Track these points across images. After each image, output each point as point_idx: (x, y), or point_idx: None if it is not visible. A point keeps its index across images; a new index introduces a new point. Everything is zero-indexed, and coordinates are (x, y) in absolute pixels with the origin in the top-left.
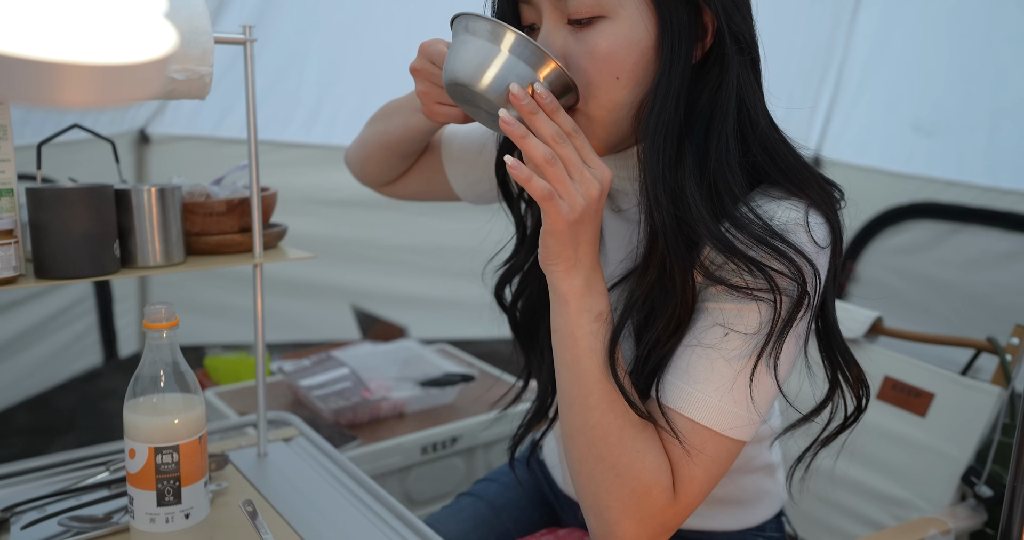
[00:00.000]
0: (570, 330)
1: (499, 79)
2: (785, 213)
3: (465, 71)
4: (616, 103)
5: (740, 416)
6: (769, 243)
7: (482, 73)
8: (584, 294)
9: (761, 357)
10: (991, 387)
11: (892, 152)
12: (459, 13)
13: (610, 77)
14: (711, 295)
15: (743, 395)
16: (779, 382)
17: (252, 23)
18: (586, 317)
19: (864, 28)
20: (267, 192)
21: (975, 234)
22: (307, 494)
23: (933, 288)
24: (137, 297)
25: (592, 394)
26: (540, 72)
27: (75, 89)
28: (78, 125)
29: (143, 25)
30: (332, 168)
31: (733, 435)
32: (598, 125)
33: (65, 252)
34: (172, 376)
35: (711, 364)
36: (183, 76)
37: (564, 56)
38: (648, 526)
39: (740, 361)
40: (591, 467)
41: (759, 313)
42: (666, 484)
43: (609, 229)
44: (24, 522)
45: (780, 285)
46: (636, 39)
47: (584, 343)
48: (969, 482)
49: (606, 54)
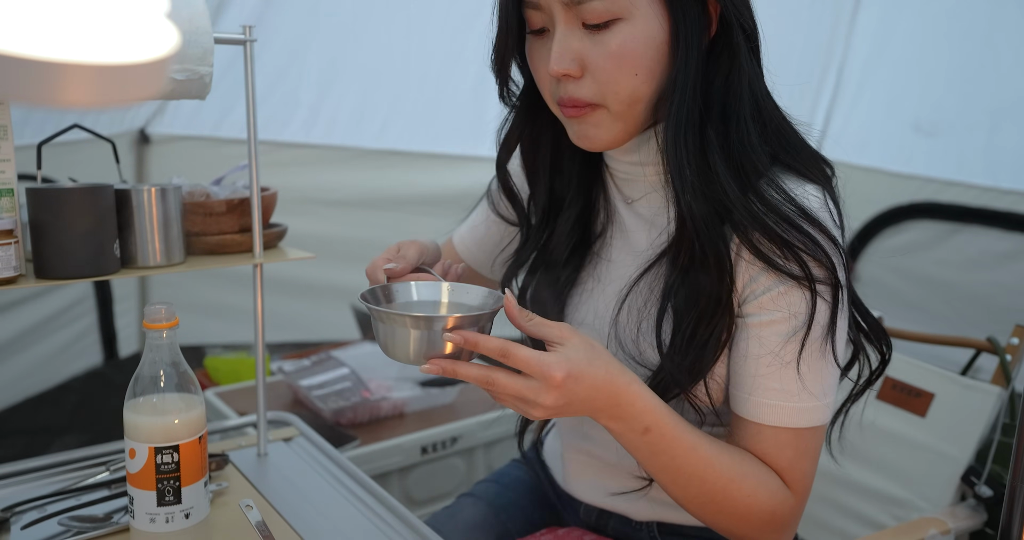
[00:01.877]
0: (624, 443)
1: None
2: (809, 197)
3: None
4: (637, 98)
5: (820, 407)
6: (801, 228)
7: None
8: (617, 420)
9: (822, 347)
10: (991, 387)
11: (892, 152)
12: (363, 295)
13: (630, 74)
14: (755, 310)
15: (818, 389)
16: (839, 361)
17: (252, 23)
18: (631, 435)
19: (864, 28)
20: (267, 192)
21: (975, 234)
22: (307, 494)
23: (933, 288)
24: (137, 297)
25: (678, 478)
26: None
27: (76, 89)
28: (78, 125)
29: (144, 25)
30: (332, 168)
31: (820, 423)
32: (620, 120)
33: (65, 252)
34: (172, 376)
35: (781, 372)
36: (183, 76)
37: (581, 58)
38: (784, 531)
39: (805, 360)
40: (715, 518)
41: (805, 306)
42: (783, 498)
43: (627, 222)
44: (24, 522)
45: (816, 275)
46: (651, 36)
47: (643, 450)
48: (969, 482)
49: (625, 53)
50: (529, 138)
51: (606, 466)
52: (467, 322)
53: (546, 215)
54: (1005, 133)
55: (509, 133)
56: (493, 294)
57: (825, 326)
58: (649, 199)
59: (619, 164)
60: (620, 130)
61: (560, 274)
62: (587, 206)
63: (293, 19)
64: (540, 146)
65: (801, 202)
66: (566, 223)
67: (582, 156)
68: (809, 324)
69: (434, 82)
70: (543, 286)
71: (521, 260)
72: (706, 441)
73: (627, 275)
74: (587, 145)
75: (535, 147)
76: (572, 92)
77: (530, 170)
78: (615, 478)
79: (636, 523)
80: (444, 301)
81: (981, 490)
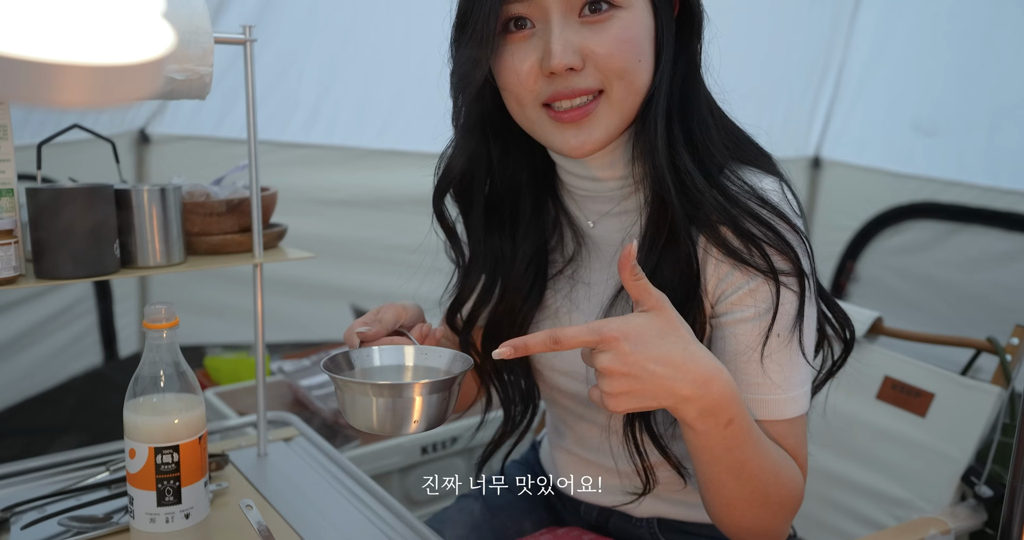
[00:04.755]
0: (702, 445)
1: (380, 420)
2: (767, 189)
3: (351, 418)
4: (640, 85)
5: (804, 394)
6: (764, 220)
7: (363, 418)
8: (707, 428)
9: (796, 337)
10: (991, 387)
11: (892, 152)
12: (324, 363)
13: (635, 61)
14: (728, 309)
15: (798, 378)
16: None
17: (252, 23)
18: (714, 431)
19: (864, 28)
20: (267, 192)
21: (975, 234)
22: (307, 494)
23: (933, 288)
24: (137, 297)
25: (741, 474)
26: (419, 392)
27: (73, 89)
28: (78, 125)
29: (140, 25)
30: (332, 168)
31: (805, 409)
32: (618, 110)
33: (65, 252)
34: (172, 376)
35: (763, 366)
36: (183, 76)
37: (583, 49)
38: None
39: (783, 351)
40: (757, 512)
41: (776, 299)
42: (800, 481)
43: (599, 241)
44: (24, 522)
45: (782, 267)
46: (645, 24)
47: (719, 447)
48: (969, 482)
49: (627, 39)
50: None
51: (601, 469)
52: (427, 388)
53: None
54: (1005, 133)
55: (453, 158)
56: (461, 356)
57: (794, 317)
58: (615, 215)
59: (581, 181)
60: (615, 124)
61: (521, 306)
62: (542, 237)
63: (293, 19)
64: (479, 177)
65: (761, 194)
66: (523, 262)
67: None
68: (776, 315)
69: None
70: (503, 314)
71: (462, 297)
72: (762, 434)
73: (608, 294)
74: (580, 152)
75: (479, 175)
76: (575, 83)
77: (466, 202)
78: (611, 480)
79: (636, 519)
80: (408, 365)
81: (981, 490)
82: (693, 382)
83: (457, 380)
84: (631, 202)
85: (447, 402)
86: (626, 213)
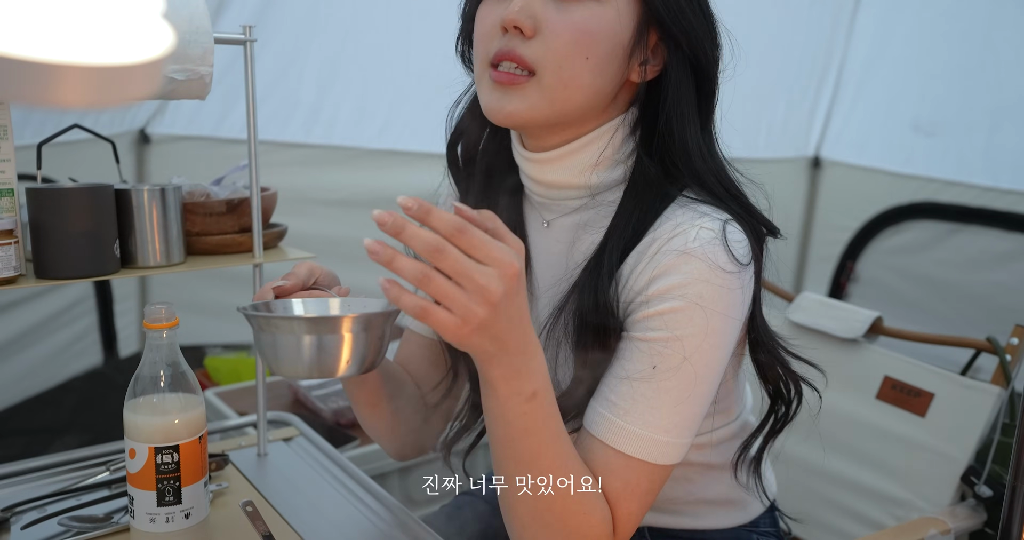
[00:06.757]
0: (501, 412)
1: (309, 363)
2: (700, 233)
3: (276, 365)
4: (575, 82)
5: (670, 443)
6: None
7: (307, 362)
8: (512, 378)
9: (687, 383)
10: (991, 387)
11: (892, 152)
12: (242, 308)
13: (581, 55)
14: (636, 324)
15: (672, 422)
16: (703, 405)
17: (252, 23)
18: (516, 400)
19: (864, 28)
20: (267, 192)
21: (975, 234)
22: (307, 494)
23: (933, 288)
24: (137, 297)
25: (531, 469)
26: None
27: (72, 90)
28: (78, 125)
29: (140, 25)
30: (332, 168)
31: (665, 462)
32: (547, 98)
33: (65, 252)
34: (172, 376)
35: (639, 395)
36: (183, 76)
37: (538, 21)
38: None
39: (668, 391)
40: (537, 533)
41: (682, 342)
42: (606, 531)
43: (538, 248)
44: (24, 522)
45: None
46: (617, 31)
47: (518, 424)
48: (969, 482)
49: (586, 30)
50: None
51: None
52: (359, 323)
53: None
54: (1005, 133)
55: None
56: (389, 304)
57: (677, 362)
58: (564, 221)
59: (540, 187)
60: (542, 108)
61: None
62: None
63: (293, 19)
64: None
65: (677, 235)
66: None
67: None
68: (661, 349)
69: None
70: None
71: None
72: (565, 432)
73: (553, 305)
74: (501, 118)
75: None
76: (516, 47)
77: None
78: None
79: None
80: (334, 314)
81: (981, 490)
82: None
83: (390, 318)
84: (586, 214)
85: (380, 343)
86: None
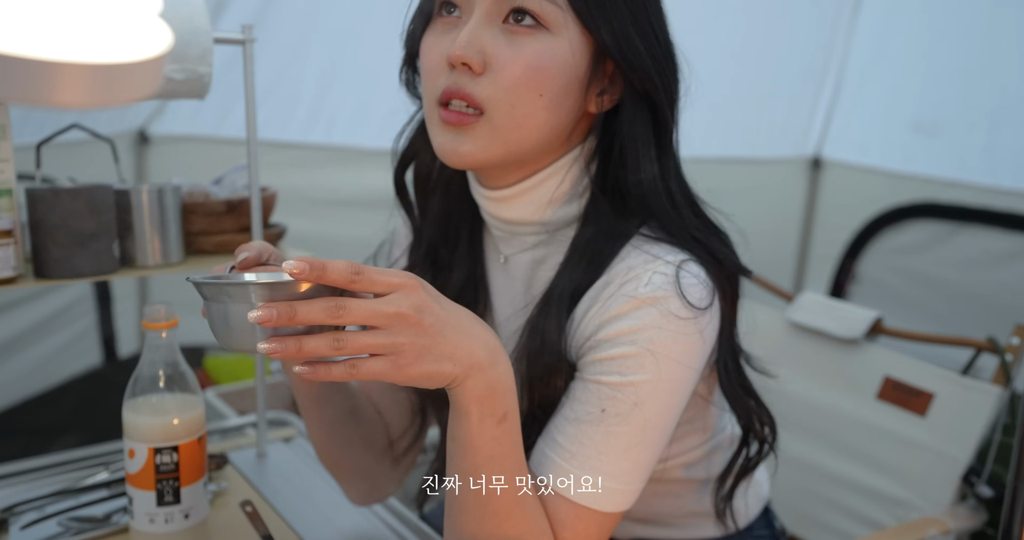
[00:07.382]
0: (470, 440)
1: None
2: (652, 277)
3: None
4: (530, 121)
5: (620, 491)
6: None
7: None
8: (486, 398)
9: (637, 429)
10: (991, 387)
11: (892, 152)
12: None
13: (534, 92)
14: (588, 366)
15: (620, 468)
16: (654, 450)
17: (252, 23)
18: (489, 423)
19: (864, 28)
20: (267, 192)
21: (975, 234)
22: (307, 494)
23: (933, 288)
24: (137, 297)
25: (490, 503)
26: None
27: (71, 89)
28: (78, 125)
29: (139, 25)
30: (332, 168)
31: (614, 510)
32: (500, 139)
33: (65, 252)
34: (172, 376)
35: (587, 439)
36: (182, 76)
37: (486, 56)
38: None
39: (617, 436)
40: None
41: (634, 388)
42: None
43: (497, 282)
44: (24, 522)
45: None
46: (571, 64)
47: (484, 451)
48: (969, 482)
49: (538, 66)
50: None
51: None
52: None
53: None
54: (1005, 133)
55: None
56: None
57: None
58: (522, 258)
59: (499, 222)
60: (498, 149)
61: None
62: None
63: (293, 19)
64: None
65: (629, 280)
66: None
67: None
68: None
69: None
70: None
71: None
72: (526, 465)
73: (512, 341)
74: (455, 160)
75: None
76: (464, 84)
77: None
78: None
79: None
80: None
81: (981, 490)
82: (486, 346)
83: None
84: (542, 251)
85: None
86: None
